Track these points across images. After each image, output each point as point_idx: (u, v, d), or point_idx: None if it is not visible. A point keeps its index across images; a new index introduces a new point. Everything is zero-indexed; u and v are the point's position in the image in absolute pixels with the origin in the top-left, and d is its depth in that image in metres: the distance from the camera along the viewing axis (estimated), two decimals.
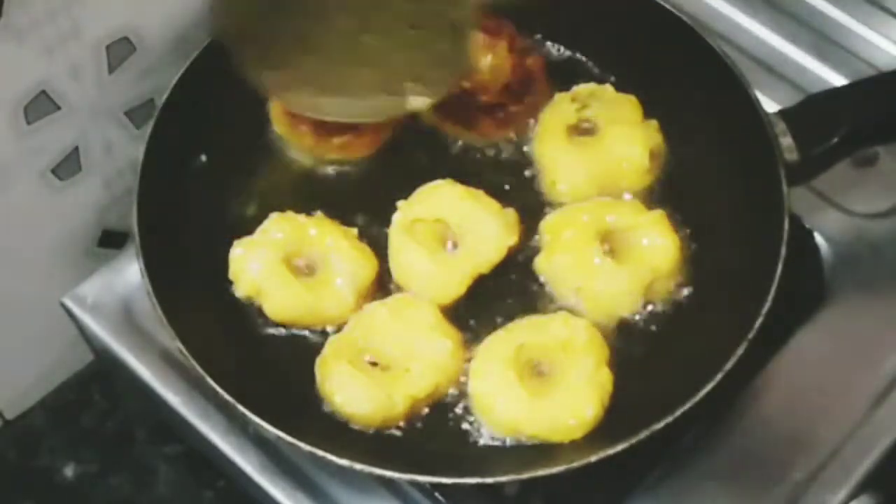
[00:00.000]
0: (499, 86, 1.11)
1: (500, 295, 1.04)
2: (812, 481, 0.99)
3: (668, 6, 1.09)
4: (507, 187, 1.08)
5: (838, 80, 1.23)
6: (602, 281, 1.01)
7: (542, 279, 1.04)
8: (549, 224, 1.05)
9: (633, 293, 1.01)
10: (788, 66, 1.24)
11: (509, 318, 1.01)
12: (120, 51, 1.06)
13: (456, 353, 0.98)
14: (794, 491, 0.98)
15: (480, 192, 1.05)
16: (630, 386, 0.98)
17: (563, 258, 1.02)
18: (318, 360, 0.99)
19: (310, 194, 1.09)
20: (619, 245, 1.03)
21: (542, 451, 0.95)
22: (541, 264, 1.04)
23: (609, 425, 0.95)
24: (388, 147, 1.11)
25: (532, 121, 1.11)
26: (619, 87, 1.11)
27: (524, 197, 1.08)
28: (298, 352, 1.01)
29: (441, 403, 0.98)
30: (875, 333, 1.07)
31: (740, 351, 0.93)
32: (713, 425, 1.02)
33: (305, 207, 1.06)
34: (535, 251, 1.05)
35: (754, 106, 1.03)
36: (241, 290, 1.02)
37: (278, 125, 1.12)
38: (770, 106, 1.05)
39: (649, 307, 1.02)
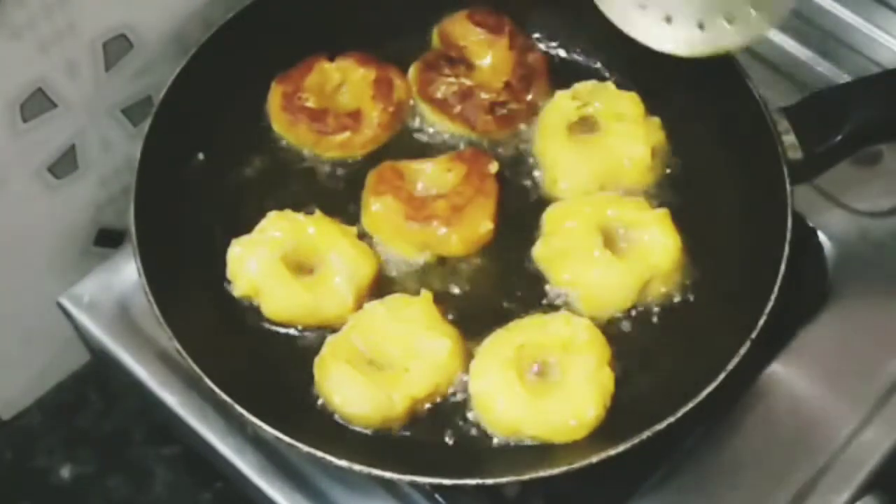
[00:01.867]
0: (500, 83, 1.11)
1: (501, 294, 1.03)
2: (816, 482, 0.98)
3: None
4: (508, 186, 1.07)
5: (842, 77, 1.22)
6: (597, 272, 1.00)
7: (542, 276, 1.03)
8: (551, 214, 1.05)
9: (627, 288, 1.00)
10: (792, 64, 1.24)
11: (509, 317, 1.00)
12: (117, 48, 1.05)
13: (455, 352, 0.98)
14: (797, 492, 0.98)
15: None
16: (632, 386, 0.97)
17: (560, 245, 1.02)
18: (317, 360, 0.98)
19: (308, 193, 1.08)
20: (620, 240, 1.02)
21: (543, 451, 0.94)
22: (538, 252, 1.03)
23: (610, 426, 0.95)
24: (387, 145, 1.10)
25: (533, 118, 1.11)
26: (621, 85, 1.10)
27: (525, 195, 1.08)
28: (297, 351, 1.00)
29: (441, 404, 0.98)
30: (879, 332, 1.06)
31: (743, 350, 0.92)
32: (716, 426, 1.01)
33: (304, 206, 1.05)
34: None
35: (758, 103, 1.03)
36: (239, 289, 1.02)
37: (277, 123, 1.11)
38: (773, 103, 1.04)
39: (651, 306, 1.02)
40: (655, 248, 1.01)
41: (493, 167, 1.06)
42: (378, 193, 1.05)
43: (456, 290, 1.03)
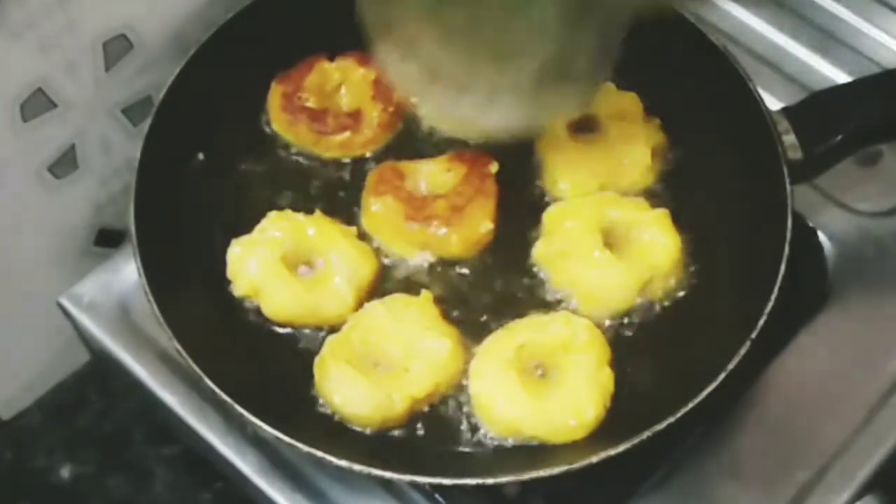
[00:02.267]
0: None
1: (501, 294, 1.03)
2: (816, 482, 0.98)
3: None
4: (508, 186, 1.07)
5: (842, 77, 1.22)
6: (597, 272, 1.00)
7: (541, 276, 1.03)
8: (551, 214, 1.04)
9: (627, 288, 1.00)
10: (792, 64, 1.23)
11: (509, 317, 1.00)
12: (117, 48, 1.05)
13: (456, 352, 0.97)
14: (797, 492, 0.98)
15: None
16: (632, 386, 0.97)
17: (560, 245, 1.01)
18: (317, 360, 0.98)
19: (308, 193, 1.08)
20: (620, 240, 1.02)
21: (543, 451, 0.94)
22: (538, 252, 1.03)
23: (610, 426, 0.95)
24: (388, 145, 1.10)
25: None
26: (621, 85, 1.10)
27: (525, 195, 1.08)
28: (297, 351, 1.00)
29: (441, 404, 0.98)
30: (879, 333, 1.06)
31: (743, 351, 0.92)
32: (716, 426, 1.01)
33: (304, 206, 1.05)
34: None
35: (757, 103, 1.03)
36: (239, 289, 1.02)
37: (277, 123, 1.11)
38: (773, 104, 1.05)
39: (651, 306, 1.02)
40: (655, 248, 1.01)
41: (493, 167, 1.06)
42: (378, 194, 1.05)
43: (456, 291, 1.03)
